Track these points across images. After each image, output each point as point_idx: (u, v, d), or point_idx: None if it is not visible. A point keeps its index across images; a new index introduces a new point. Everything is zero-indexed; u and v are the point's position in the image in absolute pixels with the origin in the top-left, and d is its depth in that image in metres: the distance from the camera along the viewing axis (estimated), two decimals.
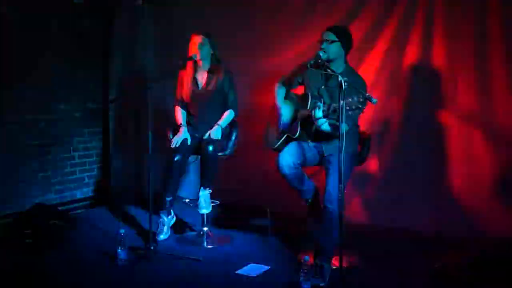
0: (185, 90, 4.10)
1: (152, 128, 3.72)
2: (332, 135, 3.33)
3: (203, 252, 3.80)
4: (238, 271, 3.41)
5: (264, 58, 4.85)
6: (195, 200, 4.13)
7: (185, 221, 4.50)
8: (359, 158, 3.60)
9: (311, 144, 3.49)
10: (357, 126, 3.54)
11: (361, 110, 2.96)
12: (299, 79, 3.61)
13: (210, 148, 3.89)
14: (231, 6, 4.99)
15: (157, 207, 4.00)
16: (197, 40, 3.99)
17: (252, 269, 3.44)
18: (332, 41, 3.35)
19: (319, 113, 3.21)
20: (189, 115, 4.19)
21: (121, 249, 3.48)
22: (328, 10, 4.52)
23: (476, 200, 4.02)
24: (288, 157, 3.41)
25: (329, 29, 3.42)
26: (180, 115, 4.16)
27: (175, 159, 3.93)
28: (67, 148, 5.08)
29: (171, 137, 4.09)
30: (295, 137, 3.47)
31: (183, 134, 4.01)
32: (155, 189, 3.86)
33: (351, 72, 3.43)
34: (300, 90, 3.74)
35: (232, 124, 4.17)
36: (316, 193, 3.64)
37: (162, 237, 3.98)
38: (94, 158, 5.37)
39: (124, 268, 3.44)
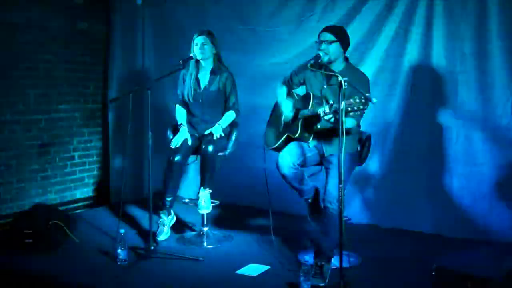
0: (187, 90, 4.10)
1: (152, 128, 3.72)
2: (333, 134, 3.32)
3: (203, 252, 3.80)
4: (238, 271, 3.41)
5: (264, 58, 4.85)
6: (195, 200, 4.13)
7: (185, 221, 4.51)
8: (359, 158, 3.60)
9: (311, 144, 3.49)
10: (358, 126, 3.53)
11: (362, 111, 2.96)
12: (300, 79, 3.61)
13: (210, 148, 3.89)
14: (231, 6, 4.99)
15: (157, 207, 4.00)
16: (199, 40, 3.99)
17: (252, 269, 3.44)
18: (332, 42, 3.34)
19: (325, 108, 3.17)
20: (189, 115, 4.19)
21: (121, 249, 3.48)
22: (328, 10, 4.52)
23: (476, 200, 4.02)
24: (288, 157, 3.41)
25: (327, 30, 3.40)
26: (180, 114, 4.16)
27: (175, 159, 3.93)
28: (67, 148, 5.08)
29: (171, 137, 4.09)
30: (295, 137, 3.47)
31: (184, 134, 4.01)
32: (155, 189, 3.86)
33: (351, 70, 3.41)
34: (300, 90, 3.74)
35: (232, 124, 4.17)
36: (316, 193, 3.64)
37: (162, 237, 3.97)
38: (94, 158, 5.37)
39: (124, 268, 3.44)
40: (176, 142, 3.97)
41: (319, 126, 3.40)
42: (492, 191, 3.96)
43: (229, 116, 4.09)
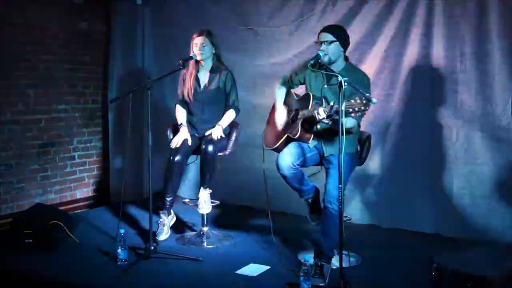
0: (187, 89, 4.09)
1: (152, 128, 3.72)
2: (333, 134, 3.32)
3: (203, 252, 3.80)
4: (238, 271, 3.41)
5: (264, 58, 4.85)
6: (195, 200, 4.13)
7: (185, 221, 4.50)
8: (359, 158, 3.60)
9: (311, 144, 3.48)
10: (358, 126, 3.53)
11: (363, 112, 2.96)
12: (300, 79, 3.60)
13: (210, 148, 3.89)
14: (231, 6, 4.99)
15: (157, 207, 4.00)
16: (198, 40, 3.98)
17: (252, 269, 3.44)
18: (331, 42, 3.33)
19: (322, 115, 3.20)
20: (189, 114, 4.18)
21: (121, 249, 3.48)
22: (328, 10, 4.52)
23: (476, 200, 4.02)
24: (287, 158, 3.41)
25: (326, 30, 3.39)
26: (180, 114, 4.15)
27: (175, 159, 3.93)
28: (67, 148, 5.08)
29: (171, 137, 4.09)
30: (295, 137, 3.46)
31: (184, 134, 4.01)
32: (155, 189, 3.86)
33: (351, 70, 3.41)
34: (300, 90, 3.74)
35: (232, 124, 4.17)
36: (316, 193, 3.64)
37: (162, 237, 3.97)
38: (94, 158, 5.37)
39: (124, 268, 3.44)
40: (176, 142, 3.97)
41: (319, 127, 3.40)
42: (492, 191, 3.96)
43: (230, 115, 4.08)
